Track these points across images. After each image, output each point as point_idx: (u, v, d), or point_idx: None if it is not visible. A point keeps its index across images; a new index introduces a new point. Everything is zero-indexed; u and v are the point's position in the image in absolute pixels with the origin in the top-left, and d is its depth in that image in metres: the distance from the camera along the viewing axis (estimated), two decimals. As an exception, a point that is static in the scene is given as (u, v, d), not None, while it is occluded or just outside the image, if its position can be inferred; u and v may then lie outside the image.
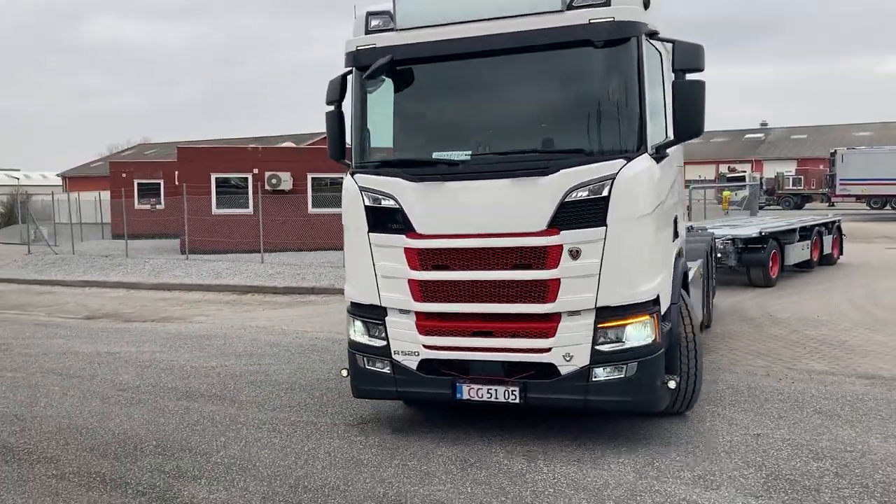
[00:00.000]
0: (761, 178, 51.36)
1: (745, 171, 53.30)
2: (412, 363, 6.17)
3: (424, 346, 6.11)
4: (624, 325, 5.69)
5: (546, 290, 5.73)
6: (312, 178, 25.52)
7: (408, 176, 5.95)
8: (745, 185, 38.87)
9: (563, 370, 5.79)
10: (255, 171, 25.02)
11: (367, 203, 6.09)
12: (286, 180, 25.01)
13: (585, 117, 5.90)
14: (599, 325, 5.70)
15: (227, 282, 19.00)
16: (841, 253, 19.22)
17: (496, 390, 5.93)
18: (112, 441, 6.66)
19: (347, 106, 6.37)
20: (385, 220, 6.04)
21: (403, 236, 5.99)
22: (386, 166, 6.23)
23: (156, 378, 9.08)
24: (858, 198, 42.84)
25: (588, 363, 5.73)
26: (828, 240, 18.36)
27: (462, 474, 5.66)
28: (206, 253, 23.60)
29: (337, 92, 6.35)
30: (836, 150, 42.18)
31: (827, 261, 18.35)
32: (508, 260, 5.78)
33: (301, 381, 8.74)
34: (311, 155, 29.14)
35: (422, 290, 6.04)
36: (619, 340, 5.71)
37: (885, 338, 10.15)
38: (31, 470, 6.00)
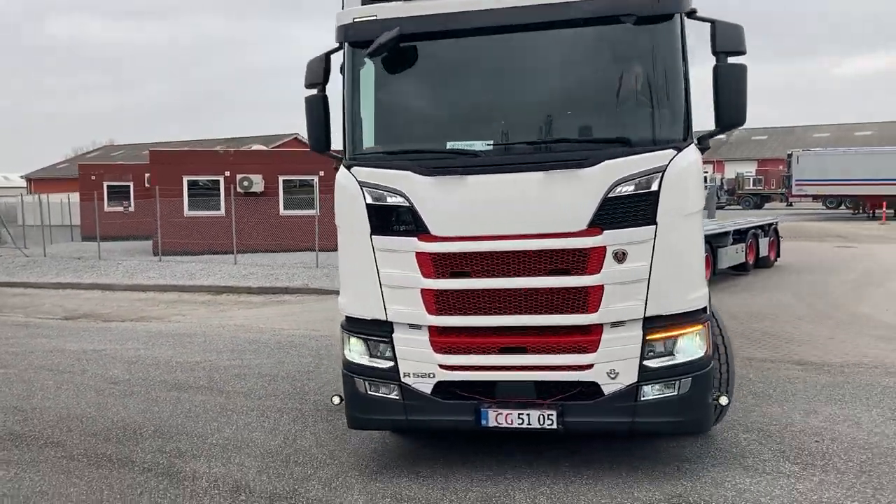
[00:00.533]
0: (722, 179, 52.87)
1: (706, 172, 54.73)
2: (426, 387, 5.38)
3: (441, 367, 5.32)
4: (676, 337, 5.16)
5: (587, 299, 5.09)
6: (284, 181, 26.05)
7: (420, 169, 5.17)
8: (705, 186, 40.13)
9: (607, 389, 5.17)
10: (227, 173, 25.47)
11: (370, 201, 5.30)
12: (258, 182, 25.49)
13: (625, 102, 5.26)
14: (648, 338, 5.12)
15: (201, 282, 19.44)
16: (778, 255, 19.29)
17: (529, 415, 5.21)
18: (112, 427, 7.22)
19: (332, 90, 5.63)
20: (392, 220, 5.27)
21: (415, 239, 5.22)
22: (391, 158, 5.46)
23: (144, 372, 9.62)
24: (814, 198, 44.52)
25: (636, 380, 5.14)
26: (764, 242, 18.21)
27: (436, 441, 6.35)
28: (178, 254, 23.97)
29: (319, 74, 5.53)
30: (792, 152, 43.72)
31: (763, 263, 18.24)
32: (542, 265, 5.11)
33: (282, 373, 9.34)
34: (283, 157, 29.71)
35: (437, 302, 5.26)
36: (669, 354, 5.17)
37: (821, 329, 11.07)
38: (40, 453, 6.55)
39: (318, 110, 5.55)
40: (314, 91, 5.57)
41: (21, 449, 6.69)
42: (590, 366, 5.17)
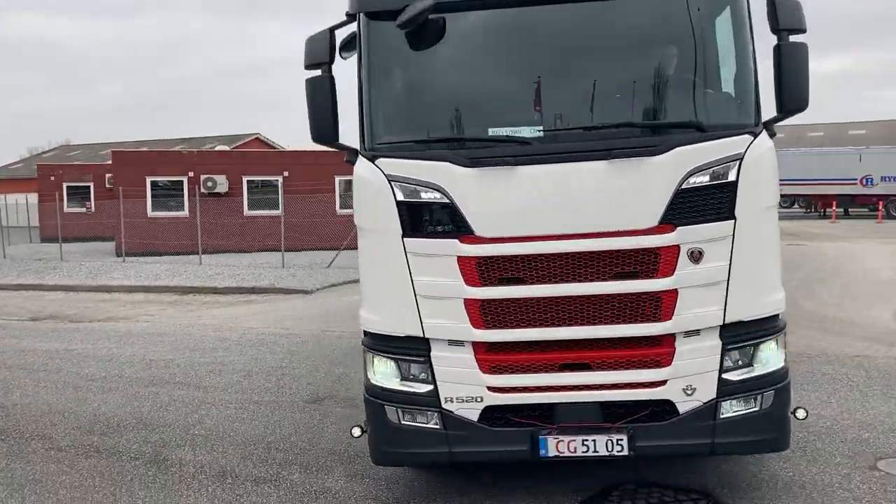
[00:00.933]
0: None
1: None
2: (472, 413, 4.70)
3: (490, 389, 4.66)
4: (756, 346, 4.68)
5: (659, 305, 4.54)
6: (248, 181, 26.20)
7: (461, 159, 4.52)
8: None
9: (683, 408, 4.63)
10: (191, 174, 25.54)
11: (401, 197, 4.60)
12: (222, 183, 25.61)
13: (693, 82, 4.74)
14: (727, 347, 4.62)
15: (167, 283, 19.53)
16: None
17: (594, 441, 4.59)
18: (95, 421, 7.48)
19: (337, 71, 4.95)
20: (428, 219, 4.61)
21: (456, 241, 4.55)
22: (424, 147, 4.75)
23: (119, 370, 9.84)
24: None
25: (714, 396, 4.62)
26: None
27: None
28: (142, 255, 23.99)
29: (324, 51, 4.83)
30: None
31: None
32: (607, 268, 4.52)
33: (257, 368, 9.65)
34: (247, 157, 29.78)
35: (484, 313, 4.59)
36: (748, 365, 4.68)
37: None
38: (28, 445, 6.80)
39: (323, 94, 4.79)
40: (317, 72, 4.84)
41: (8, 442, 6.93)
42: (663, 382, 4.60)
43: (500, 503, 5.24)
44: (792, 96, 4.56)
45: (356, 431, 5.24)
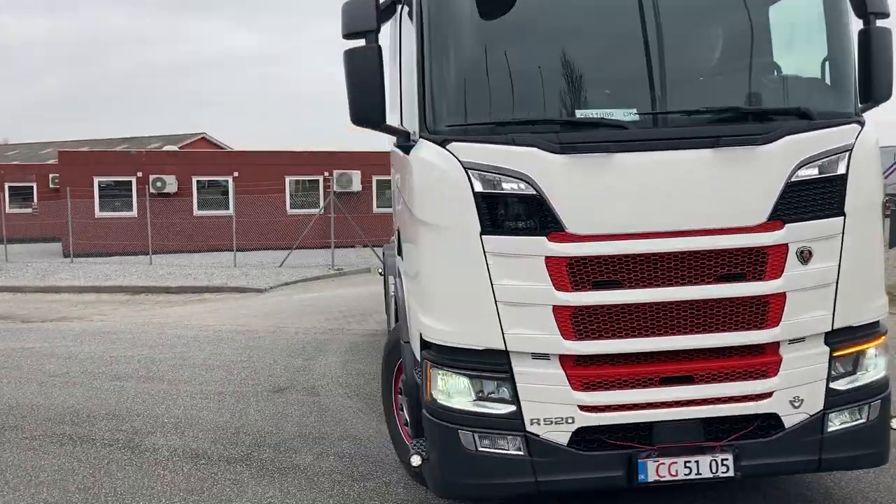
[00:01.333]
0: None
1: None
2: (561, 436, 4.16)
3: (582, 408, 4.15)
4: (862, 353, 4.37)
5: (766, 310, 4.16)
6: (197, 181, 26.27)
7: (550, 145, 3.99)
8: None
9: (789, 421, 4.27)
10: (139, 174, 25.51)
11: (479, 188, 4.04)
12: (171, 183, 25.63)
13: (794, 63, 4.47)
14: (834, 355, 4.28)
15: (118, 283, 19.57)
16: None
17: (697, 462, 4.17)
18: (65, 413, 7.76)
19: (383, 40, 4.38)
20: (511, 214, 4.07)
21: (543, 239, 4.03)
22: (505, 130, 4.12)
23: (81, 366, 10.07)
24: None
25: (822, 408, 4.28)
26: None
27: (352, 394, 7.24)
28: (90, 256, 23.87)
29: (370, 17, 4.27)
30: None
31: None
32: (712, 269, 4.10)
33: (217, 363, 10.00)
34: (196, 157, 29.82)
35: (576, 322, 4.08)
36: (853, 373, 4.37)
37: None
38: (1, 435, 7.06)
39: (368, 68, 4.20)
40: (360, 42, 4.26)
41: (-20, 434, 7.18)
42: (769, 394, 4.23)
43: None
44: (878, 83, 4.31)
45: (416, 460, 4.44)
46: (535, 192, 4.02)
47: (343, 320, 13.11)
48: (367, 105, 4.26)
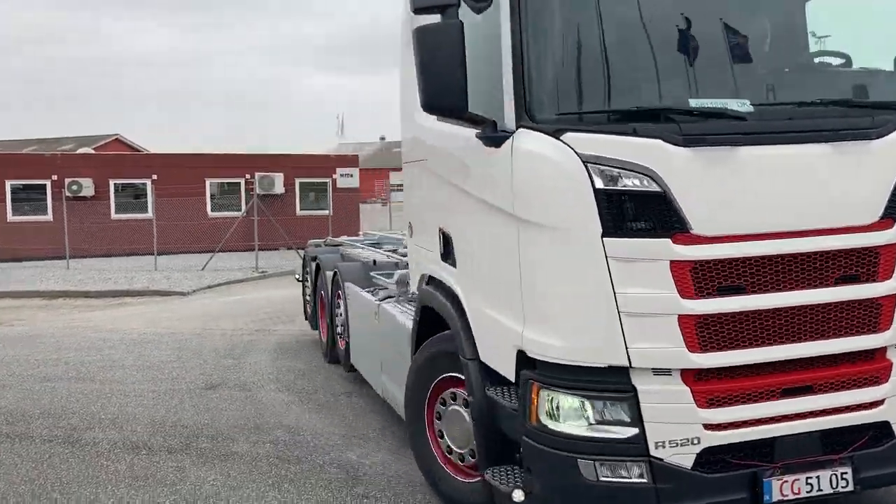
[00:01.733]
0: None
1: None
2: (686, 458, 3.81)
3: (707, 427, 3.81)
4: None
5: (879, 313, 3.99)
6: (116, 184, 25.98)
7: (673, 137, 3.66)
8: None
9: None
10: (55, 177, 25.01)
11: (600, 185, 3.65)
12: (87, 186, 25.22)
13: (889, 55, 4.23)
14: None
15: (34, 288, 19.22)
16: None
17: (818, 478, 3.94)
18: (-2, 414, 7.94)
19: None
20: (634, 213, 3.69)
21: (668, 241, 3.68)
22: (616, 120, 3.82)
23: (7, 369, 10.13)
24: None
25: None
26: None
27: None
28: (3, 262, 23.27)
29: None
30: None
31: None
32: (830, 270, 3.90)
33: (147, 363, 10.23)
34: (113, 160, 29.39)
35: (700, 332, 3.75)
36: None
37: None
38: (-64, 436, 7.22)
39: (449, 47, 3.73)
40: (436, 18, 3.82)
41: (-87, 435, 7.30)
42: (881, 401, 4.05)
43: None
44: None
45: (518, 495, 4.00)
46: (659, 189, 3.65)
47: (269, 321, 13.44)
48: (445, 90, 3.78)
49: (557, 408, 3.88)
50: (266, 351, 10.78)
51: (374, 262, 8.83)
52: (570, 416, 3.86)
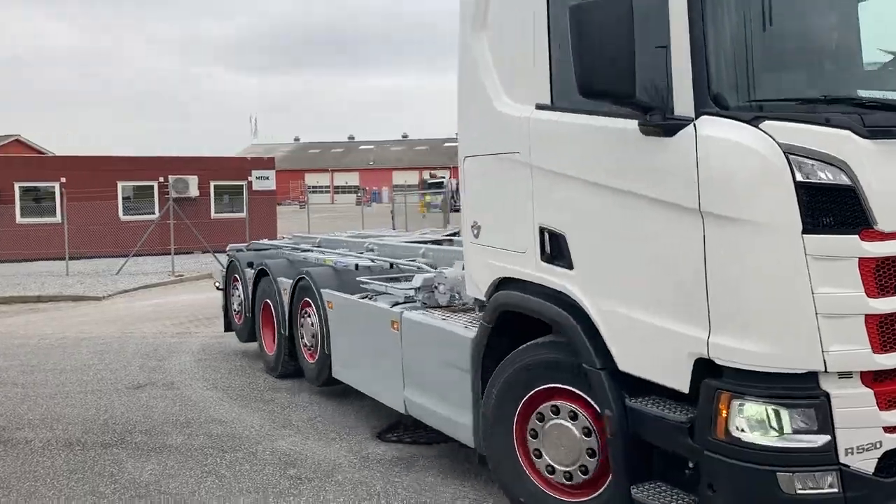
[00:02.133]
0: (456, 184, 57.72)
1: (444, 177, 59.30)
2: (869, 464, 3.69)
3: (886, 430, 3.69)
4: None
5: None
6: (21, 187, 25.25)
7: (861, 128, 3.53)
8: (441, 191, 44.43)
9: None
10: (-46, 180, 24.10)
11: (801, 177, 3.49)
12: (-9, 190, 24.43)
13: None
14: None
15: (-64, 295, 18.57)
16: None
17: None
18: (-80, 418, 7.94)
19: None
20: (829, 209, 3.53)
21: (856, 237, 3.54)
22: (807, 109, 3.67)
23: (-79, 376, 10.00)
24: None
25: None
26: None
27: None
28: None
29: None
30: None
31: None
32: None
33: (68, 367, 10.26)
34: (17, 163, 28.47)
35: (882, 331, 3.63)
36: None
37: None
38: None
39: (616, 25, 3.50)
40: None
41: None
42: None
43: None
44: None
45: None
46: (850, 183, 3.50)
47: (190, 324, 13.57)
48: (611, 72, 3.54)
49: (752, 418, 3.65)
50: (190, 352, 10.97)
51: (357, 266, 7.90)
52: (762, 426, 3.64)
